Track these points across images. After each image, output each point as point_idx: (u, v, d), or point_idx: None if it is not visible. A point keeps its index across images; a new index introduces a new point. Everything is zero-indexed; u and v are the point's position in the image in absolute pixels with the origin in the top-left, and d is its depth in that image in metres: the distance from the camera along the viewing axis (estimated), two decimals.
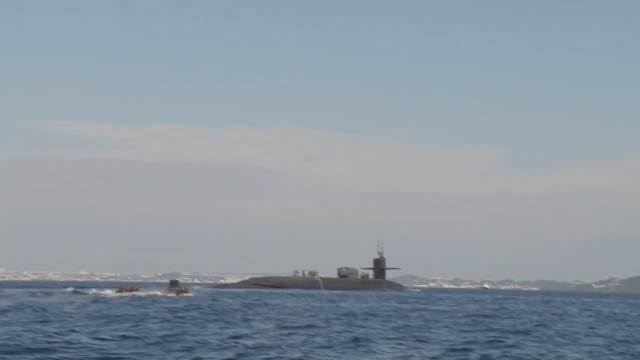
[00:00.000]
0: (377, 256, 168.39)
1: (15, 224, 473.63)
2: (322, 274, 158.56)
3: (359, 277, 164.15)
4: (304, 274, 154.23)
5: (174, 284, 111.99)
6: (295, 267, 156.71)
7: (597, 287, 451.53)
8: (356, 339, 31.89)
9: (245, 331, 35.38)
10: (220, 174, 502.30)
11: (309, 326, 40.06)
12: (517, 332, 39.68)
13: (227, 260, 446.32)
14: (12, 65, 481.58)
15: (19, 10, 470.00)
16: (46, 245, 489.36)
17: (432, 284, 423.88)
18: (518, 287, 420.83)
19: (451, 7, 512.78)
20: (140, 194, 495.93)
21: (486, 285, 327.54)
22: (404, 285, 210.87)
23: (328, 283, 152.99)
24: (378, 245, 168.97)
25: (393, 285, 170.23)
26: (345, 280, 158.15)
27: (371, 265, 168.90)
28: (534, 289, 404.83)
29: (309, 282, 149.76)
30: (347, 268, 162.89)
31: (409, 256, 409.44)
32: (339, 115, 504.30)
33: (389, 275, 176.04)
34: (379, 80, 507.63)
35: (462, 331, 39.62)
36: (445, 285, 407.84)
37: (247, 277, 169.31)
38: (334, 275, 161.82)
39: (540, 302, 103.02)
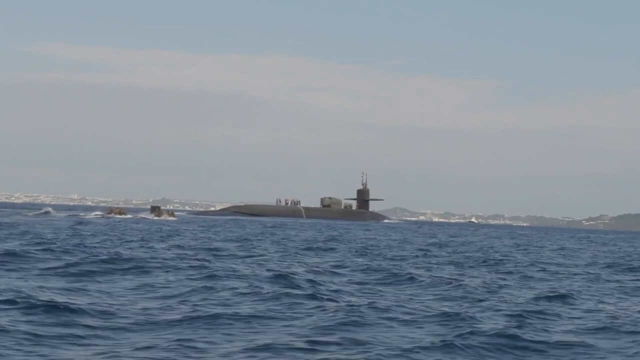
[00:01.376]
0: (361, 187, 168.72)
1: (8, 145, 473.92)
2: (306, 203, 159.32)
3: (342, 207, 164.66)
4: (286, 203, 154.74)
5: (154, 209, 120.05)
6: (279, 197, 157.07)
7: (587, 224, 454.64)
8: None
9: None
10: (214, 101, 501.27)
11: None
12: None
13: (218, 188, 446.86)
14: None
15: None
16: (39, 167, 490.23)
17: (422, 217, 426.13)
18: (508, 222, 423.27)
19: None
20: (134, 119, 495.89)
21: (473, 220, 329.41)
22: (390, 217, 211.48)
23: (310, 212, 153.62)
24: (362, 176, 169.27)
25: (376, 216, 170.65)
26: (328, 210, 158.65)
27: (362, 196, 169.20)
28: (524, 224, 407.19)
29: (291, 211, 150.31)
30: (330, 198, 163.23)
31: (400, 189, 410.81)
32: (333, 45, 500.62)
33: (375, 206, 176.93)
34: (373, 11, 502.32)
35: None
36: (435, 219, 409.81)
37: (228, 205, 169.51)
38: (318, 205, 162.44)
39: (504, 236, 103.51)
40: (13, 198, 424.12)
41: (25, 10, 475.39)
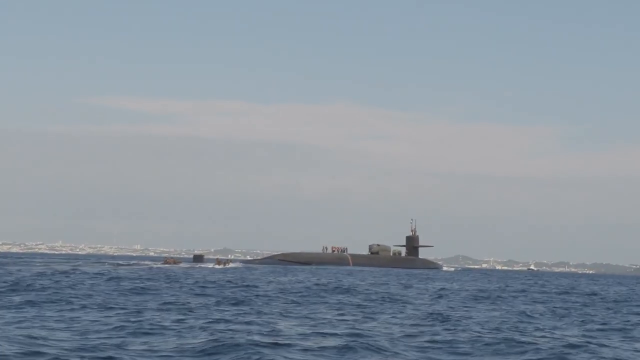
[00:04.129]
0: (410, 233, 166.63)
1: (72, 197, 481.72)
2: (354, 251, 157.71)
3: (391, 254, 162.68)
4: (333, 250, 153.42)
5: (197, 258, 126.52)
6: (326, 244, 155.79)
7: None
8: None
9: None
10: (273, 150, 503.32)
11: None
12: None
13: (279, 236, 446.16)
14: (69, 38, 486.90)
15: None
16: (102, 219, 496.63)
17: (484, 265, 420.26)
18: (573, 269, 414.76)
19: None
20: (195, 169, 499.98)
21: (532, 267, 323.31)
22: (449, 265, 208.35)
23: (357, 260, 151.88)
24: (411, 223, 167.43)
25: (427, 264, 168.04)
26: (376, 257, 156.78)
27: (411, 242, 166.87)
28: (589, 271, 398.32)
29: (338, 259, 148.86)
30: (378, 245, 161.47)
31: (461, 237, 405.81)
32: (393, 93, 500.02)
33: (436, 255, 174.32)
34: (434, 57, 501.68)
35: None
36: (498, 267, 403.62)
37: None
38: (366, 252, 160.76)
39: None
40: (77, 249, 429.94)
41: (90, 64, 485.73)
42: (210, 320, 25.83)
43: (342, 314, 29.98)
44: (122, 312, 27.41)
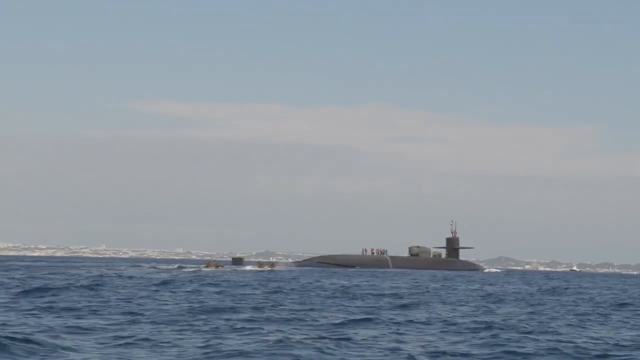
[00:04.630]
0: (450, 235, 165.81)
1: (113, 201, 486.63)
2: (394, 253, 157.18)
3: (431, 256, 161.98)
4: (372, 252, 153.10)
5: (236, 261, 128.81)
6: (365, 246, 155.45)
7: None
8: None
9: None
10: (310, 153, 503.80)
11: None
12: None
13: (319, 239, 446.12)
14: (101, 42, 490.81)
15: None
16: (143, 223, 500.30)
17: (527, 267, 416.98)
18: (617, 270, 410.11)
19: None
20: (234, 172, 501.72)
21: (574, 268, 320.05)
22: (483, 265, 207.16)
23: (397, 262, 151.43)
24: (451, 224, 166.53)
25: (467, 265, 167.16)
26: (416, 259, 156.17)
27: (451, 244, 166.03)
28: (634, 272, 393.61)
29: (377, 261, 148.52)
30: (418, 247, 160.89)
31: (503, 238, 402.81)
32: (429, 94, 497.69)
33: (479, 256, 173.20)
34: (470, 58, 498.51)
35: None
36: (541, 268, 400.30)
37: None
38: (406, 254, 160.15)
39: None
40: (120, 253, 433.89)
41: (126, 69, 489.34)
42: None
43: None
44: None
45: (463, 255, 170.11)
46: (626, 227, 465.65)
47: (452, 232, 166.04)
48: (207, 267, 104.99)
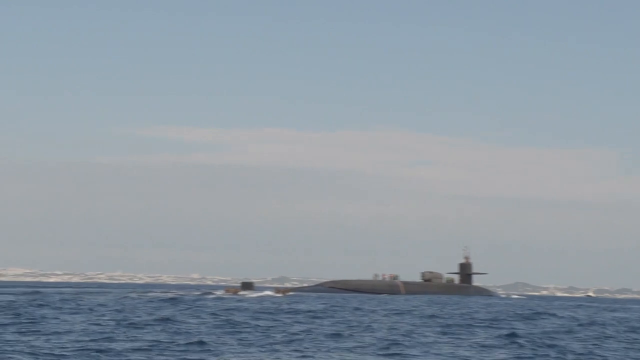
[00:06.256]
0: (463, 261, 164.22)
1: (128, 227, 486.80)
2: (406, 279, 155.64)
3: (444, 281, 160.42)
4: (384, 277, 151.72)
5: (246, 286, 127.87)
6: (377, 271, 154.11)
7: None
8: None
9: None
10: (322, 177, 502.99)
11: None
12: None
13: (332, 264, 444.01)
14: (109, 69, 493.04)
15: (117, 11, 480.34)
16: (158, 248, 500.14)
17: (544, 292, 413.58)
18: (636, 296, 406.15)
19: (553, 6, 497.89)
20: (248, 197, 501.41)
21: (590, 294, 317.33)
22: (497, 291, 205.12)
23: (410, 287, 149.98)
24: (464, 250, 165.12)
25: (480, 291, 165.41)
26: (428, 285, 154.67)
27: (464, 270, 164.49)
28: None
29: (389, 286, 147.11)
30: (430, 272, 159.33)
31: (519, 263, 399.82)
32: (442, 118, 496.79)
33: (496, 281, 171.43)
34: (484, 81, 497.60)
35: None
36: (559, 294, 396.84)
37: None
38: (418, 279, 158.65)
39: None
40: (136, 279, 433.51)
41: (137, 94, 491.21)
42: None
43: None
44: None
45: (477, 281, 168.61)
46: None
47: (465, 258, 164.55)
48: (226, 293, 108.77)
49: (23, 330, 36.64)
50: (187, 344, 28.54)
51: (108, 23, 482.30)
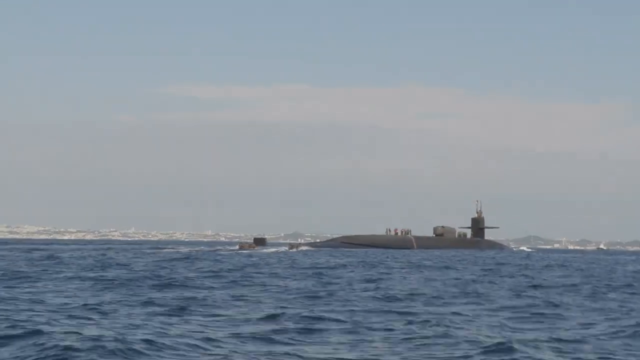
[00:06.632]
0: (475, 215, 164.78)
1: (142, 185, 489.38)
2: (418, 233, 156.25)
3: (456, 236, 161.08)
4: (396, 232, 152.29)
5: (258, 241, 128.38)
6: (389, 226, 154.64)
7: None
8: None
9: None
10: (340, 133, 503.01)
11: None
12: None
13: (345, 219, 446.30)
14: (132, 28, 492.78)
15: None
16: (172, 205, 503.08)
17: (556, 245, 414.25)
18: None
19: None
20: (263, 154, 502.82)
21: (602, 246, 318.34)
22: (509, 245, 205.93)
23: (421, 242, 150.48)
24: (476, 204, 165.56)
25: (492, 245, 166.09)
26: (440, 239, 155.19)
27: (476, 224, 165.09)
28: None
29: (401, 241, 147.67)
30: (443, 227, 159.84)
31: (532, 217, 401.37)
32: (457, 72, 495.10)
33: (508, 235, 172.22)
34: (500, 35, 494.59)
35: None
36: (571, 247, 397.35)
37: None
38: (431, 234, 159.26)
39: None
40: (150, 236, 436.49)
41: (155, 53, 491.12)
42: None
43: None
44: None
45: (490, 235, 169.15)
46: None
47: (477, 212, 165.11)
48: (241, 249, 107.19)
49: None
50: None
51: None
